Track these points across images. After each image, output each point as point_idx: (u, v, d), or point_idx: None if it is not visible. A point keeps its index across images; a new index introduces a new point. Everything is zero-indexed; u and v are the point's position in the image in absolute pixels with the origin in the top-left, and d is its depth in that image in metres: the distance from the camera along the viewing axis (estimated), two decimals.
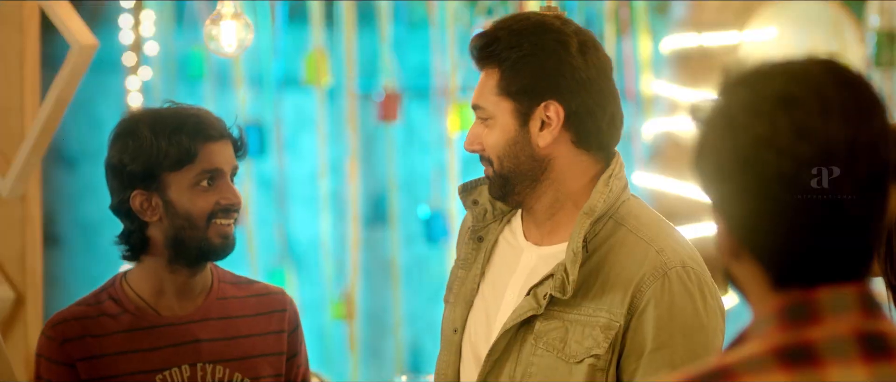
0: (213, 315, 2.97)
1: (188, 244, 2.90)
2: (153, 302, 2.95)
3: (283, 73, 6.87)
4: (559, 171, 2.54)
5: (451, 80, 6.71)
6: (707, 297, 2.48)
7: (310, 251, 7.03)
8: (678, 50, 6.43)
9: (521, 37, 2.51)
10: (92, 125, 6.98)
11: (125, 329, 2.93)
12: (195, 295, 2.97)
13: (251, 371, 2.98)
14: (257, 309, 3.03)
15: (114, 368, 2.91)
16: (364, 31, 6.88)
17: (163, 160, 2.87)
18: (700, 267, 2.50)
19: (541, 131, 2.51)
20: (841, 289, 1.49)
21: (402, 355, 6.96)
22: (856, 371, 1.45)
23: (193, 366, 2.94)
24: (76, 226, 7.05)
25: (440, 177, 6.90)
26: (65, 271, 7.00)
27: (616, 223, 2.53)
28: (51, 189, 6.71)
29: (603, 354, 2.45)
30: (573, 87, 2.50)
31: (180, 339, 2.94)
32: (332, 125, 6.87)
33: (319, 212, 6.79)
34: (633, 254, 2.48)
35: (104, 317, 2.94)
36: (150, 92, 6.59)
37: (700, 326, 2.45)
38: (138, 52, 6.56)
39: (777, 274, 1.50)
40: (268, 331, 3.02)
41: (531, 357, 2.51)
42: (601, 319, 2.47)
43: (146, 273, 2.96)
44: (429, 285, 6.91)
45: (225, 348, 2.97)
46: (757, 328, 1.51)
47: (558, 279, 2.47)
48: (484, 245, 2.68)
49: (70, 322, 2.93)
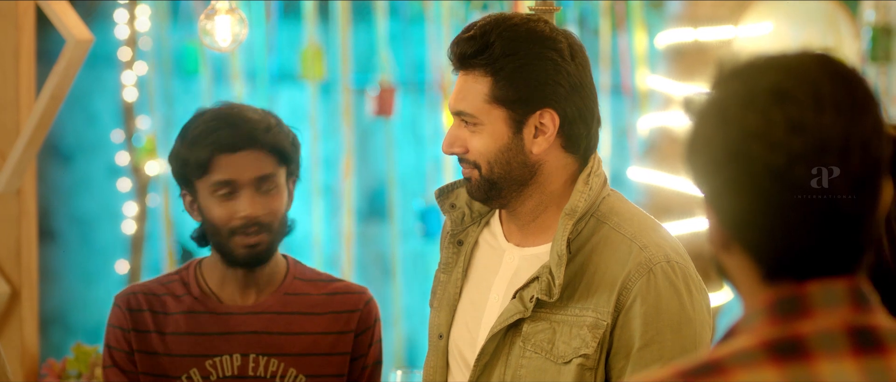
0: (275, 308, 2.99)
1: (220, 249, 2.93)
2: (217, 291, 3.00)
3: (278, 68, 6.87)
4: (546, 174, 2.53)
5: (447, 75, 6.71)
6: (693, 291, 2.47)
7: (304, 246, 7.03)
8: (673, 45, 6.43)
9: (517, 44, 2.48)
10: (87, 120, 6.98)
11: (184, 311, 2.98)
12: (260, 288, 3.00)
13: (308, 369, 2.98)
14: (326, 308, 3.03)
15: (164, 346, 2.96)
16: (359, 26, 6.89)
17: (186, 167, 2.92)
18: (684, 261, 2.50)
19: (535, 138, 2.50)
20: (832, 283, 1.49)
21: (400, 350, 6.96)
22: (846, 365, 1.46)
23: (245, 356, 2.96)
24: (71, 221, 7.05)
25: (436, 171, 6.90)
26: (60, 265, 6.99)
27: (598, 221, 2.52)
28: (46, 184, 6.71)
29: (591, 353, 2.45)
30: (568, 94, 2.49)
31: (235, 328, 2.96)
32: (326, 120, 6.87)
33: (314, 207, 6.79)
34: (617, 252, 2.48)
35: (168, 297, 3.00)
36: (146, 87, 6.59)
37: (687, 320, 2.45)
38: (134, 47, 6.56)
39: (768, 268, 1.50)
40: (332, 331, 3.02)
41: (520, 360, 2.51)
42: (588, 319, 2.46)
43: (215, 263, 3.01)
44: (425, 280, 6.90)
45: (282, 342, 2.98)
46: (747, 322, 1.51)
47: (544, 282, 2.46)
48: (463, 248, 2.67)
49: (137, 295, 3.01)
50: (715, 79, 1.54)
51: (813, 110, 1.47)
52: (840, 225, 1.49)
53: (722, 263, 1.56)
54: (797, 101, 1.48)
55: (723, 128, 1.50)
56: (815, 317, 1.48)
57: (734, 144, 1.49)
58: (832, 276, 1.50)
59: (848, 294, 1.49)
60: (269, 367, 2.96)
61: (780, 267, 1.50)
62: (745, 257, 1.52)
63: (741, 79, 1.52)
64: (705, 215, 1.56)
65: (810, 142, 1.47)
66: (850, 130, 1.48)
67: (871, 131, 1.50)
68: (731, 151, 1.49)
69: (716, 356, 1.48)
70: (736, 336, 1.50)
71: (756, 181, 1.48)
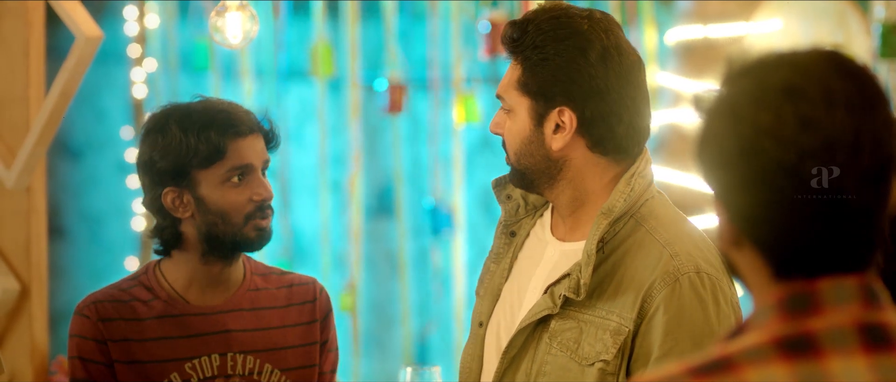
0: (244, 305, 2.99)
1: (222, 238, 2.91)
2: (184, 292, 2.97)
3: (287, 65, 6.87)
4: (575, 171, 2.53)
5: (456, 72, 6.71)
6: (720, 303, 2.44)
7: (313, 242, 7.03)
8: (683, 42, 6.43)
9: (546, 37, 2.49)
10: (97, 117, 6.99)
11: (156, 316, 2.95)
12: (227, 286, 2.99)
13: (281, 362, 2.99)
14: (288, 300, 3.04)
15: (144, 353, 2.93)
16: (368, 22, 6.88)
17: (192, 157, 2.88)
18: (716, 272, 2.46)
19: (554, 134, 2.51)
20: (842, 280, 1.49)
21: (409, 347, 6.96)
22: (856, 363, 1.45)
23: (223, 356, 2.95)
24: (81, 218, 7.06)
25: (445, 168, 6.90)
26: (70, 262, 7.00)
27: (636, 222, 2.51)
28: (56, 180, 6.72)
29: (611, 360, 2.44)
30: (588, 95, 2.48)
31: (210, 329, 2.95)
32: (335, 117, 6.87)
33: (323, 204, 6.80)
34: (648, 257, 2.46)
35: (136, 302, 2.96)
36: (155, 84, 6.59)
37: (710, 333, 2.41)
38: (143, 44, 6.56)
39: (778, 265, 1.50)
40: (299, 322, 3.03)
41: (546, 356, 2.51)
42: (612, 323, 2.45)
43: (179, 264, 2.97)
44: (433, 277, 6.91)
45: (255, 339, 2.98)
46: (757, 318, 1.51)
47: (573, 279, 2.46)
48: (516, 239, 2.69)
49: (104, 304, 2.96)
50: (726, 75, 1.54)
51: (824, 107, 1.47)
52: (850, 221, 1.49)
53: (732, 260, 1.56)
54: (808, 98, 1.48)
55: (734, 125, 1.50)
56: (826, 314, 1.48)
57: (745, 141, 1.49)
58: (843, 273, 1.49)
59: (858, 290, 1.49)
60: (246, 364, 2.96)
61: (791, 263, 1.50)
62: (755, 254, 1.52)
63: (752, 76, 1.52)
64: (716, 212, 1.56)
65: (821, 139, 1.47)
66: (860, 127, 1.48)
67: (882, 128, 1.50)
68: (741, 148, 1.49)
69: (726, 352, 1.48)
70: (746, 333, 1.50)
71: (766, 178, 1.48)
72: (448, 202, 6.79)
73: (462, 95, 6.63)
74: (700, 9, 6.41)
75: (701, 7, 6.41)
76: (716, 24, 6.33)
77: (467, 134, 7.04)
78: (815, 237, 1.49)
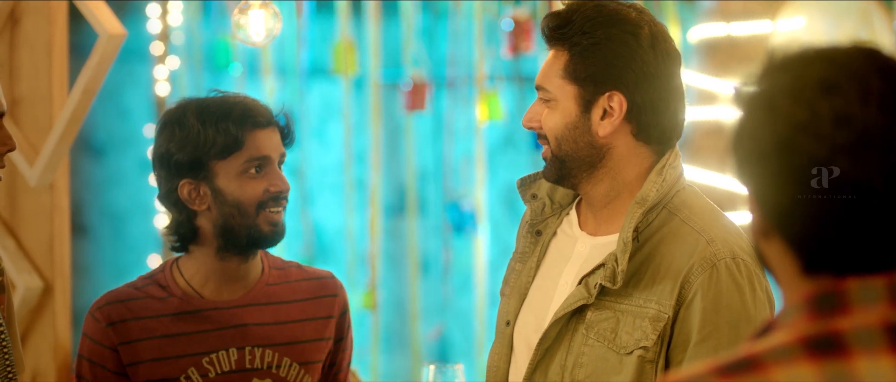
0: (261, 300, 2.99)
1: (238, 232, 2.91)
2: (201, 288, 2.97)
3: (310, 63, 6.88)
4: (617, 160, 2.54)
5: (479, 70, 6.70)
6: (756, 289, 2.46)
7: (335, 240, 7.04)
8: (706, 40, 6.41)
9: (595, 23, 2.50)
10: (120, 114, 7.00)
11: (171, 313, 2.95)
12: (245, 282, 2.99)
13: (300, 356, 2.99)
14: (307, 294, 3.04)
15: (159, 351, 2.93)
16: (390, 20, 6.88)
17: (210, 148, 2.88)
18: (752, 259, 2.47)
19: (602, 120, 2.51)
20: (870, 280, 1.49)
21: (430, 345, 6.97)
22: (883, 363, 1.45)
23: (241, 350, 2.95)
24: (104, 215, 7.07)
25: (468, 166, 6.90)
26: (92, 260, 7.02)
27: (669, 212, 2.52)
28: (79, 178, 6.73)
29: (651, 346, 2.45)
30: (639, 80, 2.49)
31: (227, 323, 2.95)
32: (358, 114, 6.88)
33: (346, 202, 6.80)
34: (684, 245, 2.48)
35: (150, 300, 2.96)
36: (178, 81, 6.61)
37: (747, 318, 2.43)
38: (166, 42, 6.58)
39: (807, 260, 1.50)
40: (317, 316, 3.03)
41: (582, 347, 2.51)
42: (650, 310, 2.46)
43: (196, 261, 2.97)
44: (455, 275, 6.91)
45: (273, 332, 2.98)
46: (785, 316, 1.50)
47: (609, 268, 2.47)
48: (542, 238, 2.69)
49: (116, 305, 2.95)
50: (764, 70, 1.54)
51: (859, 104, 1.47)
52: (880, 219, 1.48)
53: (763, 254, 1.56)
54: (844, 94, 1.47)
55: (770, 119, 1.50)
56: (853, 314, 1.47)
57: (780, 135, 1.49)
58: (871, 273, 1.49)
59: (887, 290, 1.49)
60: (264, 358, 2.96)
61: (819, 260, 1.49)
62: (785, 248, 1.51)
63: (790, 70, 1.51)
64: (748, 205, 1.56)
65: (854, 136, 1.46)
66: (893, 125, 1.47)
67: None
68: (777, 142, 1.49)
69: (753, 351, 1.47)
70: (773, 332, 1.50)
71: (799, 173, 1.47)
72: (470, 200, 6.79)
73: (485, 93, 6.63)
74: (723, 7, 6.39)
75: (724, 5, 6.39)
76: (739, 22, 6.32)
77: (490, 132, 7.04)
78: (844, 234, 1.48)
